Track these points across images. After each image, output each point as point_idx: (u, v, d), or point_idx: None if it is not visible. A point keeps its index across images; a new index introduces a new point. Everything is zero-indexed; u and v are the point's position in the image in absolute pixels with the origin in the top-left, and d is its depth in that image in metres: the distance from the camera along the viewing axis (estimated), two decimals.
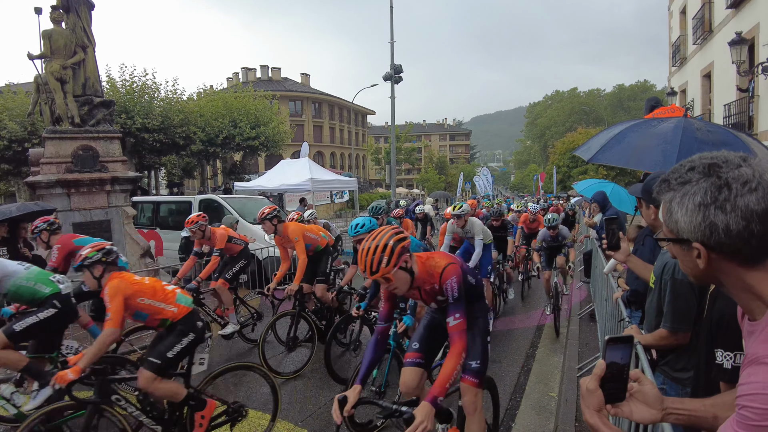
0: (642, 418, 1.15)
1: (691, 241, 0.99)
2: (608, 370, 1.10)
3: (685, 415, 1.18)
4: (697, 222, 0.96)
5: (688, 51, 18.48)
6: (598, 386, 1.11)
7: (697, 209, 0.96)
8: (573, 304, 7.98)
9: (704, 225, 0.95)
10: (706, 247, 0.97)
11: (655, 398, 1.16)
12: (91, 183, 7.52)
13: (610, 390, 1.11)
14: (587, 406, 1.11)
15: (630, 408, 1.15)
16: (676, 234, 1.03)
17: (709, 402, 1.21)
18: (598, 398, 1.10)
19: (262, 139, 25.86)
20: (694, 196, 0.97)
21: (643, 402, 1.15)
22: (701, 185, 0.96)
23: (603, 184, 8.41)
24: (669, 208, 1.03)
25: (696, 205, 0.96)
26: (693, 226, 0.97)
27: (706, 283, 1.11)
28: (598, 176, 29.36)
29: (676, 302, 2.24)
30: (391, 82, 19.63)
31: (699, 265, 1.01)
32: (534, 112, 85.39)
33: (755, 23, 12.06)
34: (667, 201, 1.04)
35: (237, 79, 49.14)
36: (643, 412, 1.15)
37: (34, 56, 7.55)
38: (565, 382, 4.82)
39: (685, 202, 0.98)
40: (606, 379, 1.10)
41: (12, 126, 18.37)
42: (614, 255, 2.69)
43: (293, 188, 15.05)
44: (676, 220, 1.01)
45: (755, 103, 12.20)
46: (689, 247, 1.01)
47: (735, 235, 0.92)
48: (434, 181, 50.41)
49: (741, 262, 0.96)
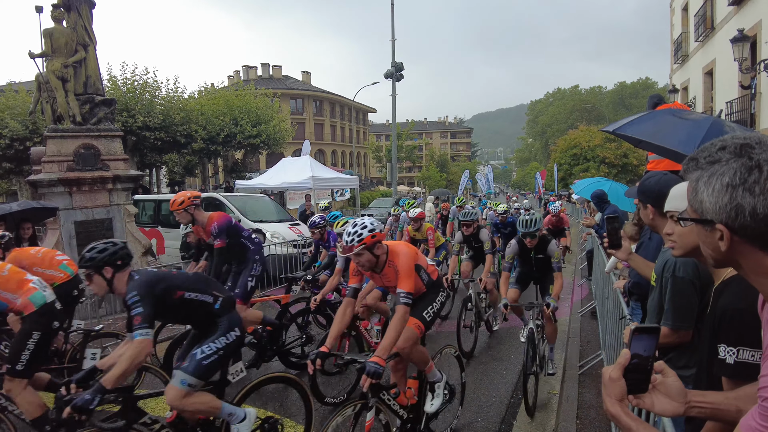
0: (664, 410, 1.13)
1: (715, 222, 0.96)
2: (632, 360, 1.08)
3: (708, 408, 1.16)
4: (723, 203, 0.93)
5: (690, 48, 18.44)
6: (621, 375, 1.08)
7: (725, 190, 0.93)
8: (574, 301, 7.99)
9: (730, 206, 0.92)
10: (729, 229, 0.94)
11: (678, 391, 1.14)
12: (93, 181, 7.53)
13: (633, 380, 1.09)
14: (609, 395, 1.08)
15: (652, 400, 1.12)
16: (700, 214, 1.00)
17: (732, 395, 1.19)
18: (620, 387, 1.08)
19: (264, 137, 25.87)
20: (722, 176, 0.93)
21: (666, 394, 1.13)
22: (731, 165, 0.93)
23: (601, 183, 8.40)
24: (695, 188, 1.00)
25: (723, 186, 0.93)
26: (718, 207, 0.94)
27: (724, 266, 1.09)
28: (600, 174, 29.32)
29: (676, 300, 2.24)
30: (392, 80, 19.63)
31: (720, 248, 0.98)
32: (535, 110, 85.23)
33: (757, 20, 12.03)
34: (693, 180, 1.01)
35: (238, 77, 49.07)
36: (665, 405, 1.13)
37: (36, 55, 7.56)
38: (567, 379, 4.83)
39: (713, 182, 0.95)
40: (629, 370, 1.08)
41: (14, 124, 18.40)
42: (615, 254, 2.69)
43: (294, 186, 15.08)
44: (701, 199, 0.98)
45: (757, 101, 12.18)
46: (712, 228, 0.98)
47: (761, 219, 0.89)
48: (435, 179, 50.33)
49: (763, 246, 0.93)
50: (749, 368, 1.36)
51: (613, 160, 32.64)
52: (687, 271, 2.10)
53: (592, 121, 59.44)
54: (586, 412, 4.13)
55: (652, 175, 2.37)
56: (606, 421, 3.84)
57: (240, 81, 35.13)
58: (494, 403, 4.44)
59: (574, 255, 12.88)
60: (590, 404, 4.27)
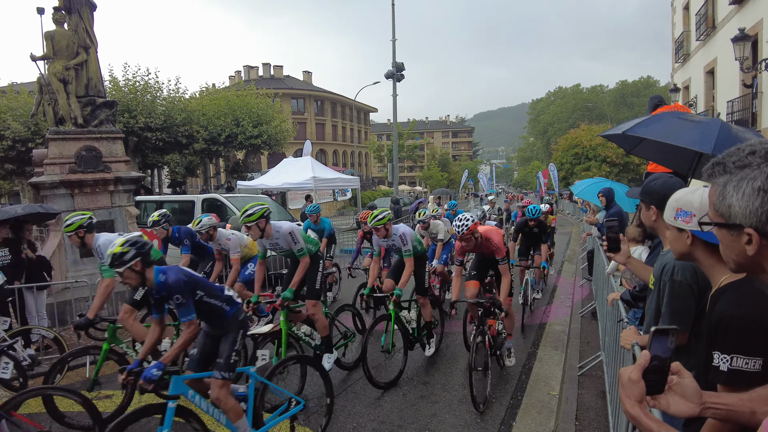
0: (679, 411, 1.13)
1: (744, 226, 0.97)
2: (652, 362, 1.08)
3: (722, 409, 1.16)
4: (754, 207, 0.94)
5: (692, 47, 18.39)
6: (641, 377, 1.08)
7: (756, 194, 0.94)
8: (575, 302, 7.99)
9: (761, 211, 0.94)
10: (759, 233, 0.95)
11: (693, 392, 1.14)
12: (95, 183, 7.56)
13: (651, 381, 1.09)
14: (628, 397, 1.08)
15: (667, 401, 1.12)
16: (726, 218, 1.01)
17: (746, 396, 1.20)
18: (640, 389, 1.08)
19: (265, 138, 25.87)
20: (753, 180, 0.95)
21: (681, 395, 1.13)
22: (763, 170, 0.94)
23: (601, 184, 8.35)
24: (722, 192, 1.01)
25: (755, 190, 0.94)
26: (749, 211, 0.95)
27: (746, 271, 1.09)
28: (601, 173, 29.26)
29: (674, 303, 2.23)
30: (393, 80, 19.66)
31: (747, 252, 0.99)
32: (537, 109, 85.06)
33: (759, 19, 12.00)
34: (720, 184, 1.01)
35: (239, 78, 49.12)
36: (681, 406, 1.13)
37: (37, 57, 7.58)
38: (566, 380, 4.84)
39: (743, 186, 0.96)
40: (648, 371, 1.08)
41: (16, 126, 18.44)
42: (614, 257, 2.68)
43: (296, 186, 15.13)
44: (729, 204, 0.99)
45: (759, 100, 12.15)
46: (739, 232, 0.99)
47: None
48: (437, 179, 50.33)
49: None
50: (743, 376, 1.36)
51: (614, 159, 32.58)
52: (685, 274, 2.10)
53: (594, 119, 59.37)
54: (585, 413, 4.14)
55: (657, 177, 2.36)
56: (605, 423, 3.85)
57: (241, 81, 35.22)
58: (494, 404, 4.46)
59: (575, 255, 12.88)
60: (590, 405, 4.28)
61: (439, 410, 4.34)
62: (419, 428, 4.03)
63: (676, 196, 1.79)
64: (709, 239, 1.61)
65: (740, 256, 1.02)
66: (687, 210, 1.71)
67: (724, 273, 1.57)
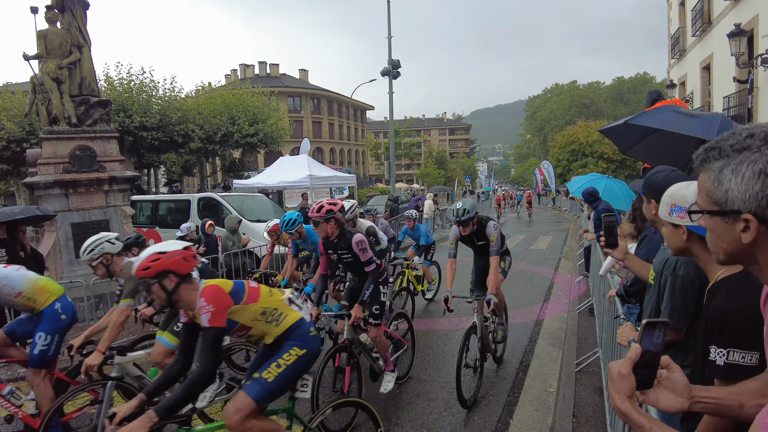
0: (669, 406, 1.11)
1: (742, 212, 0.93)
2: (643, 356, 1.06)
3: (711, 403, 1.15)
4: (755, 191, 0.90)
5: (688, 43, 18.41)
6: (631, 371, 1.05)
7: (756, 177, 0.90)
8: (572, 298, 7.99)
9: (762, 195, 0.89)
10: (758, 219, 0.91)
11: (683, 386, 1.12)
12: (89, 183, 7.51)
13: (641, 376, 1.07)
14: (618, 392, 1.05)
15: (657, 395, 1.10)
16: (722, 205, 0.96)
17: (735, 389, 1.18)
18: (630, 383, 1.05)
19: (261, 136, 25.82)
20: (753, 163, 0.90)
21: (671, 390, 1.11)
22: (764, 152, 0.90)
23: (596, 181, 8.35)
24: (718, 177, 0.96)
25: (755, 173, 0.90)
26: (748, 195, 0.91)
27: (736, 262, 1.05)
28: (598, 169, 29.27)
29: (675, 298, 2.21)
30: (389, 78, 19.60)
31: (742, 240, 0.94)
32: (533, 106, 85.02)
33: (754, 14, 12.01)
34: (715, 170, 0.97)
35: (235, 76, 48.98)
36: (670, 400, 1.11)
37: (30, 56, 7.51)
38: (564, 377, 4.84)
39: (742, 169, 0.91)
40: (638, 365, 1.06)
41: (10, 126, 18.36)
42: (611, 253, 2.66)
43: (292, 185, 15.07)
44: (726, 189, 0.94)
45: (755, 95, 12.16)
46: (734, 219, 0.95)
47: None
48: (434, 176, 50.34)
49: None
50: (739, 370, 1.36)
51: (611, 155, 32.59)
52: (688, 269, 2.07)
53: (591, 116, 59.29)
54: (582, 409, 4.14)
55: (660, 170, 2.33)
56: (602, 419, 3.85)
57: (237, 79, 35.14)
58: (491, 401, 4.45)
59: (572, 251, 12.89)
60: (587, 402, 4.27)
61: (435, 408, 4.34)
62: (416, 427, 4.02)
63: (670, 192, 1.76)
64: (705, 234, 1.59)
65: (733, 246, 0.98)
66: (681, 205, 1.68)
67: (721, 267, 1.56)
